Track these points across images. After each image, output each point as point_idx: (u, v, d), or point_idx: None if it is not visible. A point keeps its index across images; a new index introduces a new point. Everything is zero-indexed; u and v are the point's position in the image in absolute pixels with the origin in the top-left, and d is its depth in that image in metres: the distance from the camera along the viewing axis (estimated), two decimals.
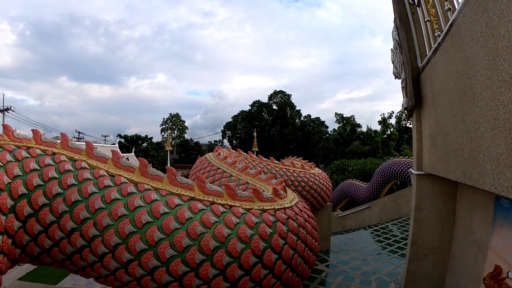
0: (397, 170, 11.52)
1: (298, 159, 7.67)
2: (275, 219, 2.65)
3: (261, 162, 6.03)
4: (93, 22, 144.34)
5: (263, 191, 3.25)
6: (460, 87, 2.32)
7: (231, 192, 2.75)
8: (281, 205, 2.83)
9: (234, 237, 2.39)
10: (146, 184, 2.70)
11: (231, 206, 2.64)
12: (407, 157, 11.66)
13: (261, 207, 2.71)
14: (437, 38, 3.15)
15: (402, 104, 4.18)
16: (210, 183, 4.39)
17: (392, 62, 4.66)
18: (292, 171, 6.05)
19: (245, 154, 6.20)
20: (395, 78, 5.08)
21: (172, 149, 51.99)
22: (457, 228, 3.74)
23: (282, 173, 5.90)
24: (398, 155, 28.42)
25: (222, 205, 2.63)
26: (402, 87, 4.17)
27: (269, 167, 5.93)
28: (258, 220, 2.55)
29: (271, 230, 2.54)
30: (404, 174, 11.23)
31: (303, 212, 2.99)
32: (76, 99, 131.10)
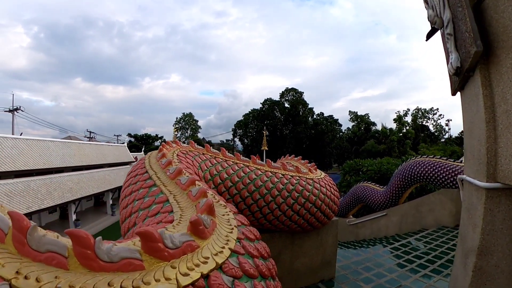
0: (420, 172, 9.60)
1: (296, 158, 5.94)
2: None
3: (236, 163, 4.34)
4: (106, 24, 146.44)
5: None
6: None
7: None
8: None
9: None
10: None
11: None
12: (432, 156, 9.75)
13: None
14: None
15: (451, 64, 2.42)
16: (128, 196, 2.77)
17: (425, 1, 2.90)
18: (280, 176, 4.33)
19: (215, 151, 4.51)
20: (429, 35, 3.35)
21: None
22: None
23: (266, 178, 4.21)
24: (415, 155, 26.37)
25: None
26: (448, 34, 2.42)
27: (247, 171, 4.24)
28: None
29: None
30: (430, 177, 9.32)
31: None
32: (91, 99, 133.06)
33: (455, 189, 8.64)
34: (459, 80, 2.47)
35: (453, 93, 2.96)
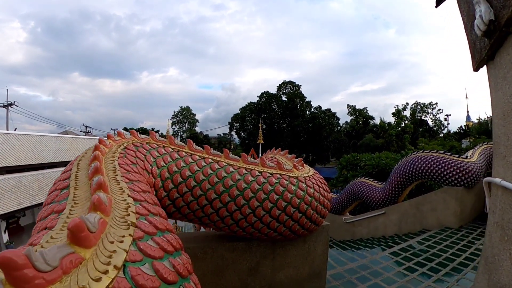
0: (422, 167, 8.81)
1: (281, 152, 5.20)
2: None
3: (204, 158, 3.59)
4: (104, 18, 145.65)
5: None
6: None
7: None
8: None
9: None
10: None
11: None
12: (435, 151, 9.00)
13: None
14: None
15: (480, 19, 1.69)
16: (47, 198, 2.08)
17: None
18: (257, 174, 3.57)
19: (181, 144, 3.76)
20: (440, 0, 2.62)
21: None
22: None
23: (239, 176, 3.47)
24: (413, 149, 25.72)
25: None
26: None
27: (216, 167, 3.50)
28: None
29: None
30: (433, 174, 8.57)
31: None
32: (89, 94, 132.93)
33: (460, 187, 7.93)
34: (490, 44, 1.73)
35: (476, 68, 2.22)
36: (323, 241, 4.47)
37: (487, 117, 35.46)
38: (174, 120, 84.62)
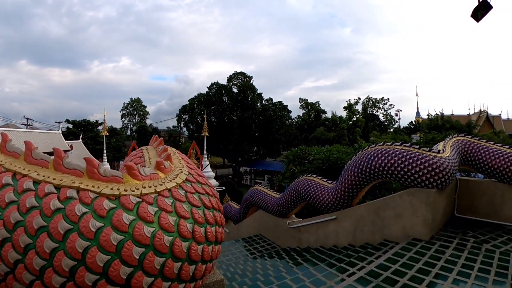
0: (384, 164, 6.78)
1: (156, 143, 2.92)
2: None
3: None
4: (55, 2, 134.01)
5: None
6: None
7: None
8: None
9: None
10: None
11: None
12: (398, 143, 7.14)
13: None
14: None
15: None
16: None
17: None
18: (27, 187, 1.31)
19: None
20: None
21: (106, 134, 46.18)
22: None
23: None
24: (364, 143, 24.64)
25: None
26: None
27: None
28: None
29: None
30: (397, 172, 6.58)
31: None
32: (37, 84, 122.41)
33: (431, 188, 6.15)
34: None
35: None
36: None
37: (437, 114, 36.74)
38: (124, 112, 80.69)
